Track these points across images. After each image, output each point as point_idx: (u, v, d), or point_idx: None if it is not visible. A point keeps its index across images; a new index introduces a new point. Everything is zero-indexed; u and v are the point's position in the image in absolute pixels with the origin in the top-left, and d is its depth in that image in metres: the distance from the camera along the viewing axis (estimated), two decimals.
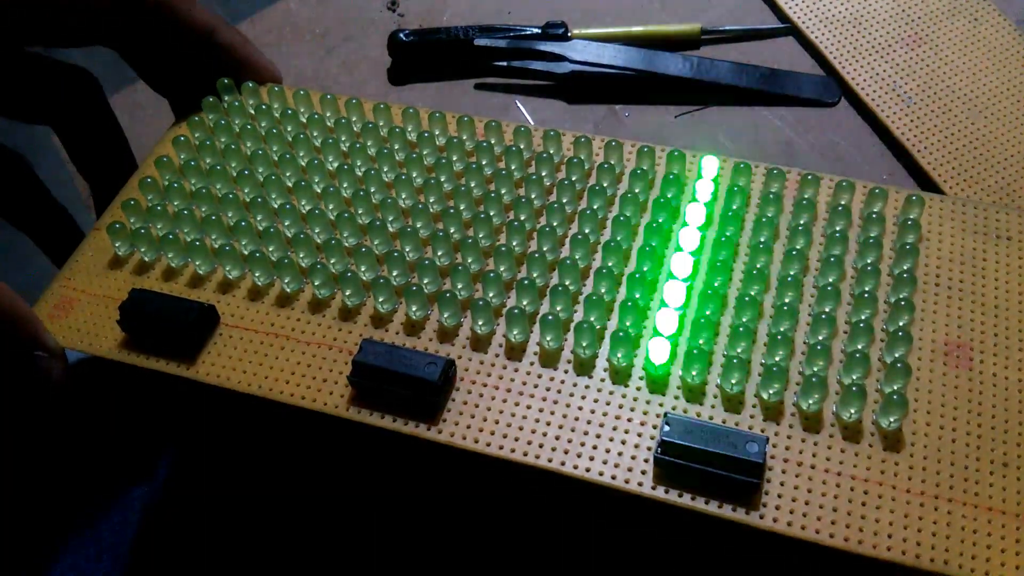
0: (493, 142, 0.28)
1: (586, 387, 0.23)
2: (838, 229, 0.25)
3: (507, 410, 0.23)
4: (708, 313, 0.23)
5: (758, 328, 0.23)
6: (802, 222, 0.25)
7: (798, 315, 0.23)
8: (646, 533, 0.25)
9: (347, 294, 0.25)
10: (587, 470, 0.21)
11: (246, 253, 0.26)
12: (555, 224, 0.26)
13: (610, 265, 0.24)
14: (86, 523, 0.27)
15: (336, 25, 0.42)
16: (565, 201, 0.26)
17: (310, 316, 0.25)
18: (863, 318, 0.23)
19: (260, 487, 0.27)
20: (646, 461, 0.21)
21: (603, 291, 0.24)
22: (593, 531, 0.25)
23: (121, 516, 0.27)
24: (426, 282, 0.25)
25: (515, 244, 0.25)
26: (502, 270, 0.25)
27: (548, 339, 0.23)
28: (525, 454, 0.22)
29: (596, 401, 0.23)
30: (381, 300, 0.24)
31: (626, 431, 0.22)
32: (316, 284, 0.25)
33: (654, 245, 0.25)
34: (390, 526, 0.26)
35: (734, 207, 0.25)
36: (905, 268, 0.24)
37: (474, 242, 0.25)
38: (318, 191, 0.27)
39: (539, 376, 0.23)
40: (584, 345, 0.23)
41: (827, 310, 0.23)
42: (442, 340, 0.24)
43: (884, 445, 0.21)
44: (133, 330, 0.25)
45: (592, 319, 0.23)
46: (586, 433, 0.22)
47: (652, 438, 0.22)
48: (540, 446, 0.22)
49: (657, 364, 0.23)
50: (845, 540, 0.20)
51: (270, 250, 0.26)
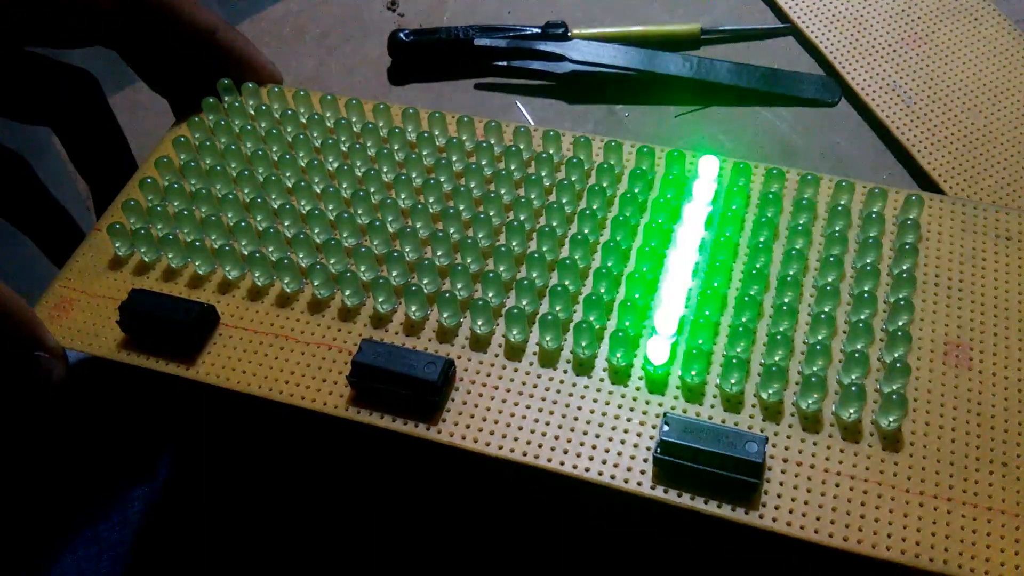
0: (493, 142, 0.28)
1: (585, 387, 0.23)
2: (837, 229, 0.25)
3: (506, 410, 0.23)
4: (707, 313, 0.23)
5: (758, 328, 0.23)
6: (801, 222, 0.25)
7: (797, 315, 0.23)
8: (645, 533, 0.25)
9: (347, 294, 0.25)
10: (586, 470, 0.21)
11: (246, 253, 0.26)
12: (555, 224, 0.26)
13: (609, 265, 0.24)
14: (86, 522, 0.27)
15: (336, 25, 0.42)
16: (565, 201, 0.26)
17: (310, 316, 0.25)
18: (862, 318, 0.23)
19: (260, 487, 0.27)
20: (645, 461, 0.21)
21: (602, 291, 0.24)
22: (592, 531, 0.25)
23: (121, 515, 0.27)
24: (426, 282, 0.25)
25: (515, 244, 0.25)
26: (502, 270, 0.25)
27: (547, 339, 0.23)
28: (524, 454, 0.22)
29: (595, 401, 0.23)
30: (381, 300, 0.25)
31: (625, 431, 0.22)
32: (316, 284, 0.25)
33: (654, 245, 0.25)
34: (390, 526, 0.26)
35: (734, 207, 0.25)
36: (905, 268, 0.24)
37: (474, 242, 0.25)
38: (318, 191, 0.27)
39: (538, 376, 0.23)
40: (583, 345, 0.23)
41: (826, 310, 0.23)
42: (442, 340, 0.24)
43: (883, 445, 0.21)
44: (133, 330, 0.25)
45: (591, 319, 0.23)
46: (585, 433, 0.22)
47: (651, 438, 0.22)
48: (539, 446, 0.22)
49: (656, 364, 0.23)
50: (844, 540, 0.20)
51: (270, 250, 0.26)
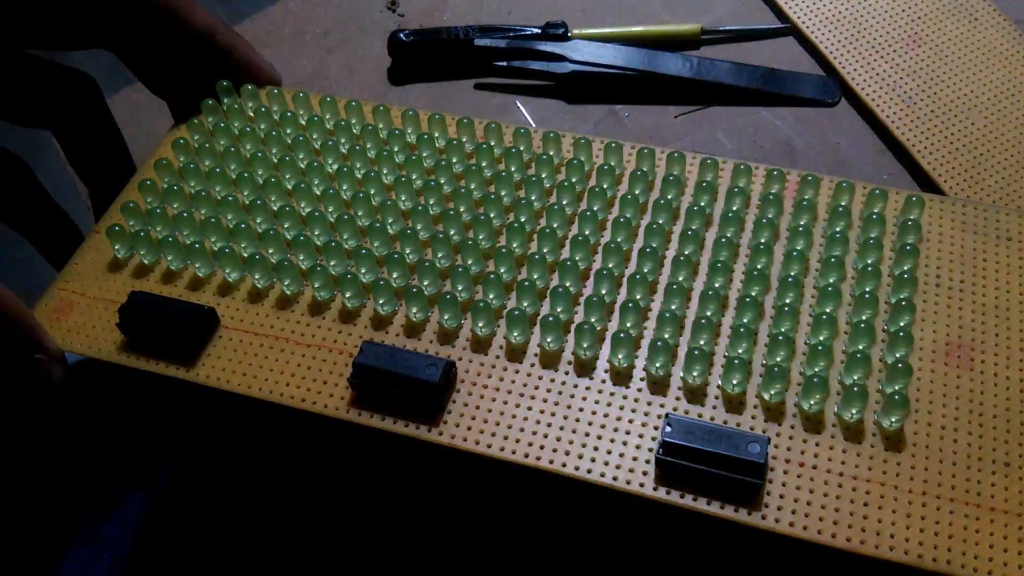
0: (493, 144, 0.28)
1: (587, 388, 0.23)
2: (838, 230, 0.25)
3: (508, 412, 0.22)
4: (709, 314, 0.23)
5: (759, 329, 0.23)
6: (802, 223, 0.25)
7: (799, 316, 0.23)
8: (647, 534, 0.25)
9: (347, 296, 0.25)
10: (588, 471, 0.21)
11: (246, 255, 0.26)
12: (555, 226, 0.26)
13: (610, 267, 0.24)
14: (87, 523, 0.27)
15: (336, 25, 0.42)
16: (565, 203, 0.26)
17: (310, 318, 0.25)
18: (864, 319, 0.23)
19: (261, 488, 0.27)
20: (647, 462, 0.21)
21: (603, 292, 0.24)
22: (594, 532, 0.25)
23: (122, 516, 0.27)
24: (426, 284, 0.25)
25: (515, 246, 0.25)
26: (502, 272, 0.25)
27: (549, 340, 0.23)
28: (526, 455, 0.22)
29: (597, 402, 0.23)
30: (381, 302, 0.24)
31: (627, 432, 0.22)
32: (316, 286, 0.25)
33: (654, 246, 0.24)
34: (391, 528, 0.26)
35: (734, 208, 0.25)
36: (906, 269, 0.24)
37: (474, 244, 0.25)
38: (318, 193, 0.27)
39: (540, 377, 0.23)
40: (585, 346, 0.23)
41: (828, 311, 0.23)
42: (442, 342, 0.24)
43: (885, 445, 0.21)
44: (133, 333, 0.25)
45: (592, 320, 0.23)
46: (587, 434, 0.22)
47: (653, 439, 0.22)
48: (541, 447, 0.22)
49: None
50: (847, 540, 0.20)
51: (270, 252, 0.26)
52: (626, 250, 0.25)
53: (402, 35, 0.38)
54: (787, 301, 0.23)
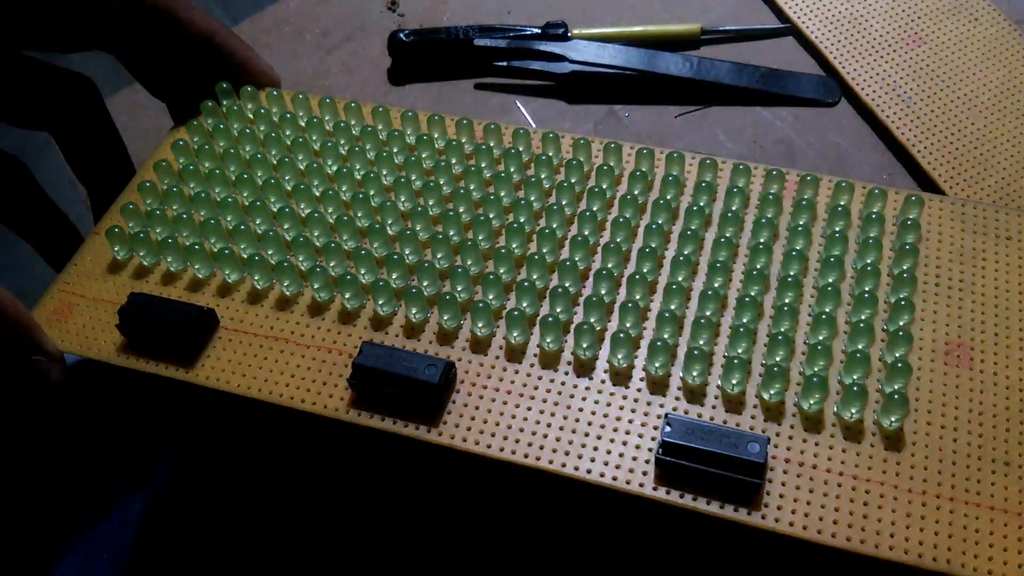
0: (492, 145, 0.28)
1: (586, 388, 0.23)
2: (837, 230, 0.25)
3: (507, 412, 0.22)
4: (708, 314, 0.23)
5: (758, 329, 0.23)
6: (801, 223, 0.25)
7: (798, 315, 0.23)
8: (647, 534, 0.25)
9: (347, 297, 0.25)
10: (588, 471, 0.21)
11: (245, 256, 0.26)
12: (555, 226, 0.26)
13: (610, 267, 0.24)
14: (86, 523, 0.27)
15: (336, 25, 0.42)
16: (564, 203, 0.26)
17: (310, 319, 0.25)
18: (863, 318, 0.23)
19: (260, 489, 0.27)
20: (647, 462, 0.21)
21: (603, 292, 0.24)
22: (594, 532, 0.25)
23: (121, 516, 0.27)
24: (426, 284, 0.25)
25: (515, 246, 0.25)
26: (502, 272, 0.25)
27: (548, 341, 0.23)
28: (526, 456, 0.22)
29: (596, 402, 0.22)
30: (381, 303, 0.24)
31: (627, 432, 0.22)
32: (316, 287, 0.25)
33: (653, 247, 0.24)
34: (390, 528, 0.26)
35: (733, 208, 0.25)
36: (905, 268, 0.24)
37: (474, 244, 0.25)
38: (317, 194, 0.27)
39: (539, 378, 0.23)
40: (584, 347, 0.23)
41: (827, 310, 0.23)
42: (442, 342, 0.24)
43: (885, 445, 0.21)
44: (132, 334, 0.25)
45: (592, 320, 0.23)
46: (587, 434, 0.22)
47: (653, 439, 0.22)
48: (541, 448, 0.22)
49: None
50: (847, 540, 0.20)
51: (269, 253, 0.26)
52: (625, 250, 0.25)
53: (402, 35, 0.38)
54: (786, 301, 0.23)
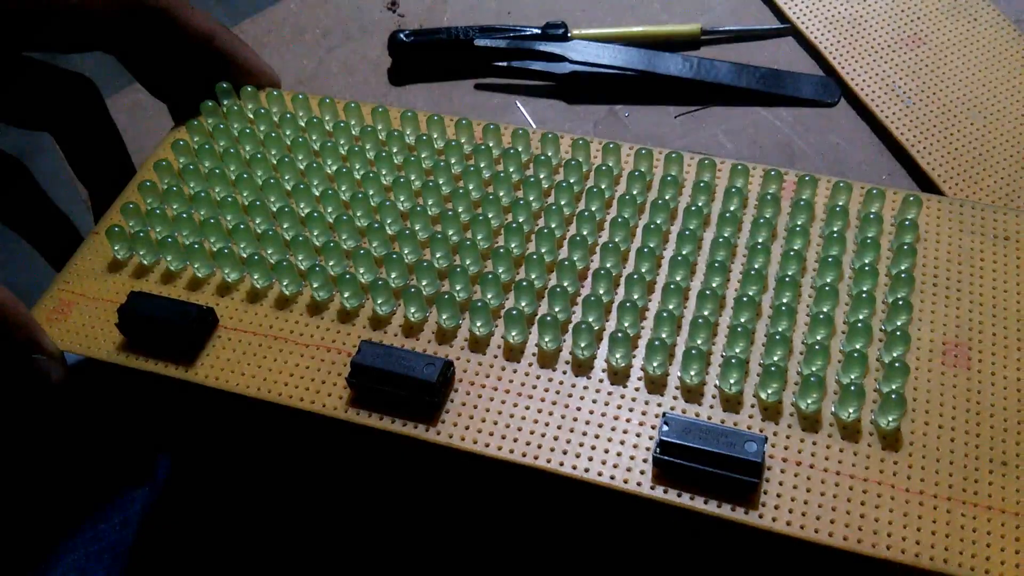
0: (491, 145, 0.28)
1: (584, 388, 0.23)
2: (836, 230, 0.25)
3: (506, 411, 0.23)
4: (706, 314, 0.23)
5: (756, 328, 0.23)
6: (800, 223, 0.25)
7: (796, 315, 0.23)
8: (645, 533, 0.25)
9: (346, 296, 0.25)
10: (586, 470, 0.21)
11: (245, 256, 0.26)
12: (553, 226, 0.26)
13: (608, 266, 0.24)
14: (87, 523, 0.27)
15: (336, 25, 0.42)
16: (563, 203, 0.26)
17: (309, 318, 0.25)
18: (861, 318, 0.23)
19: (260, 488, 0.27)
20: (645, 461, 0.21)
21: (601, 292, 0.24)
22: (592, 531, 0.25)
23: (121, 516, 0.27)
24: (424, 284, 0.25)
25: (513, 246, 0.25)
26: (500, 272, 0.25)
27: (546, 340, 0.23)
28: (524, 455, 0.22)
29: (595, 402, 0.23)
30: (380, 302, 0.25)
31: (625, 431, 0.22)
32: (315, 286, 0.25)
33: (652, 246, 0.25)
34: (389, 526, 0.26)
35: (732, 208, 0.25)
36: (903, 268, 0.24)
37: (472, 244, 0.25)
38: (317, 194, 0.27)
39: (538, 377, 0.23)
40: (582, 346, 0.23)
41: (825, 310, 0.23)
42: (440, 341, 0.24)
43: (883, 444, 0.21)
44: (132, 333, 0.25)
45: (590, 320, 0.23)
46: (585, 433, 0.22)
47: (651, 438, 0.22)
48: (539, 447, 0.22)
49: None
50: (844, 539, 0.20)
51: (269, 253, 0.26)
52: (624, 250, 0.25)
53: (402, 35, 0.38)
54: (784, 300, 0.23)
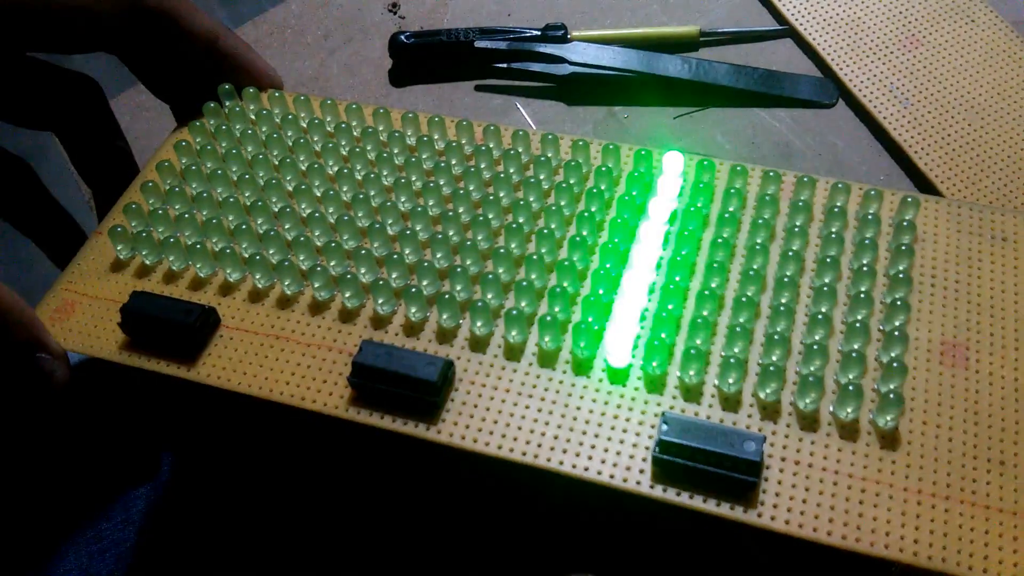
0: (492, 146, 0.28)
1: (584, 387, 0.23)
2: (834, 230, 0.25)
3: (506, 410, 0.23)
4: (705, 314, 0.23)
5: (755, 328, 0.23)
6: (798, 223, 0.25)
7: (795, 315, 0.24)
8: (645, 532, 0.25)
9: (347, 296, 0.25)
10: (586, 469, 0.22)
11: (246, 256, 0.26)
12: (553, 227, 0.26)
13: (608, 267, 0.24)
14: (89, 521, 0.27)
15: (337, 27, 0.42)
16: (563, 204, 0.26)
17: (310, 318, 0.25)
18: (859, 318, 0.23)
19: (261, 487, 0.27)
20: (644, 460, 0.22)
21: (601, 292, 0.24)
22: (592, 530, 0.25)
23: (124, 515, 0.27)
24: (425, 284, 0.25)
25: (514, 246, 0.25)
26: (501, 272, 0.25)
27: (546, 340, 0.23)
28: (524, 454, 0.22)
29: (595, 401, 0.23)
30: (381, 302, 0.25)
31: (624, 430, 0.22)
32: (316, 286, 0.25)
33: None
34: (390, 525, 0.26)
35: (731, 209, 0.26)
36: (901, 269, 0.24)
37: (473, 244, 0.25)
38: (318, 194, 0.27)
39: (538, 376, 0.23)
40: (582, 346, 0.23)
41: (823, 310, 0.23)
42: (441, 341, 0.24)
43: (881, 444, 0.21)
44: (134, 332, 0.25)
45: (590, 320, 0.23)
46: (584, 432, 0.22)
47: (650, 437, 0.22)
48: (539, 446, 0.22)
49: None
50: (843, 538, 0.20)
51: (270, 253, 0.26)
52: (623, 251, 0.25)
53: (403, 37, 0.39)
54: (783, 301, 0.23)
